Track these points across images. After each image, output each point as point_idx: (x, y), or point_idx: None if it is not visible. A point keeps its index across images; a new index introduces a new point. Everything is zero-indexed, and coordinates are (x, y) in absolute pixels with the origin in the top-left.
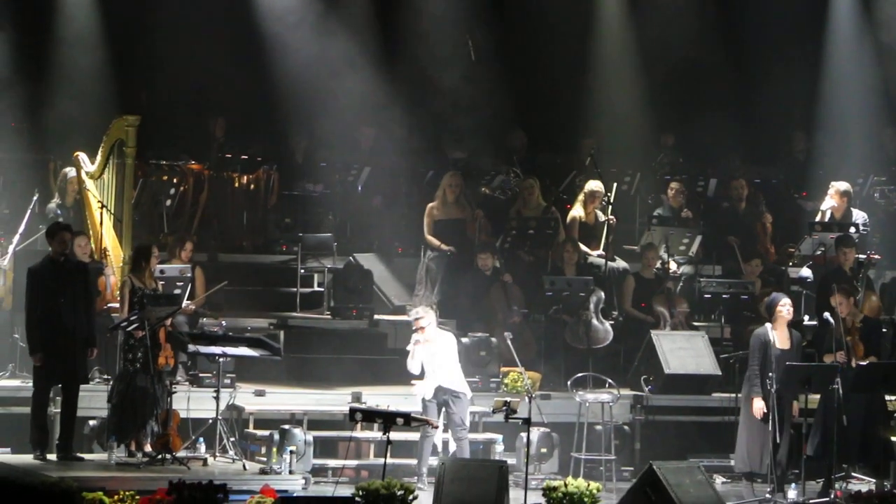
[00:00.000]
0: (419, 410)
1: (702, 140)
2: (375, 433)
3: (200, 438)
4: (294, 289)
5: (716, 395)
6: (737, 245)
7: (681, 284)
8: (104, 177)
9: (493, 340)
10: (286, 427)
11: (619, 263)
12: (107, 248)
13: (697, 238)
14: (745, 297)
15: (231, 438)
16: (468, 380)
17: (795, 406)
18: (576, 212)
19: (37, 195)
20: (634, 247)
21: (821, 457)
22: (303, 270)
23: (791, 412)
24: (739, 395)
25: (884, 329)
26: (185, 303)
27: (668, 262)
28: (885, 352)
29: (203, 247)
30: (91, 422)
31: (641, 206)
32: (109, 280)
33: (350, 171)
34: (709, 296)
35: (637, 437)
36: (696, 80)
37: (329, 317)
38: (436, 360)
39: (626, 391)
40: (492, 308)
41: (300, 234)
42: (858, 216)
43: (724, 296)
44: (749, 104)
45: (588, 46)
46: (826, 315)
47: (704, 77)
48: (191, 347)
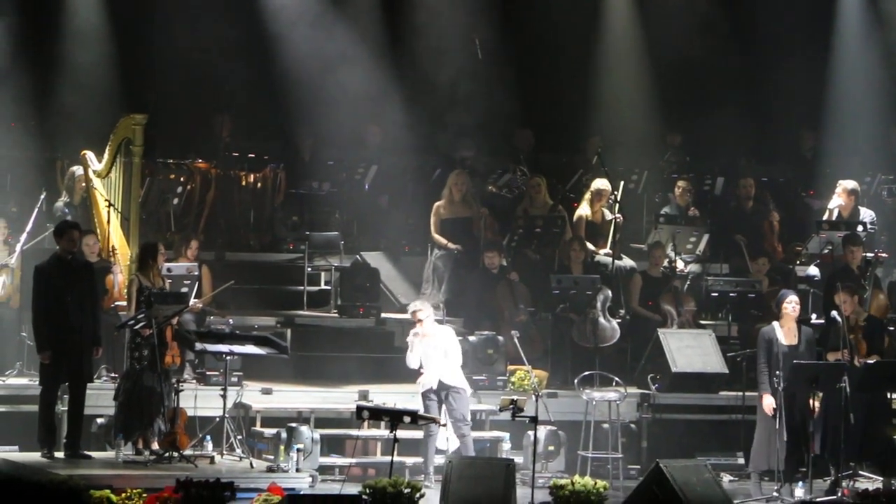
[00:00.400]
0: (421, 408)
1: (709, 138)
2: (382, 431)
3: (207, 436)
4: (301, 287)
5: (723, 394)
6: (744, 243)
7: (688, 283)
8: (111, 175)
9: (500, 339)
10: (293, 425)
11: (627, 262)
12: (115, 247)
13: (705, 236)
14: (753, 296)
15: (238, 436)
16: (475, 378)
17: (815, 403)
18: (582, 210)
19: (44, 194)
20: (641, 245)
21: (824, 455)
22: (310, 269)
23: (810, 408)
24: (747, 394)
25: (890, 328)
26: (192, 301)
27: (676, 261)
28: (894, 350)
29: (210, 245)
30: (98, 420)
31: (648, 205)
32: (117, 278)
33: (357, 170)
34: (716, 294)
35: (644, 436)
36: (704, 79)
37: (336, 315)
38: (436, 354)
39: (634, 389)
40: (499, 306)
41: (307, 233)
42: (866, 214)
43: (732, 294)
44: (756, 103)
45: (595, 45)
46: (833, 313)
47: (711, 75)
48: (198, 346)
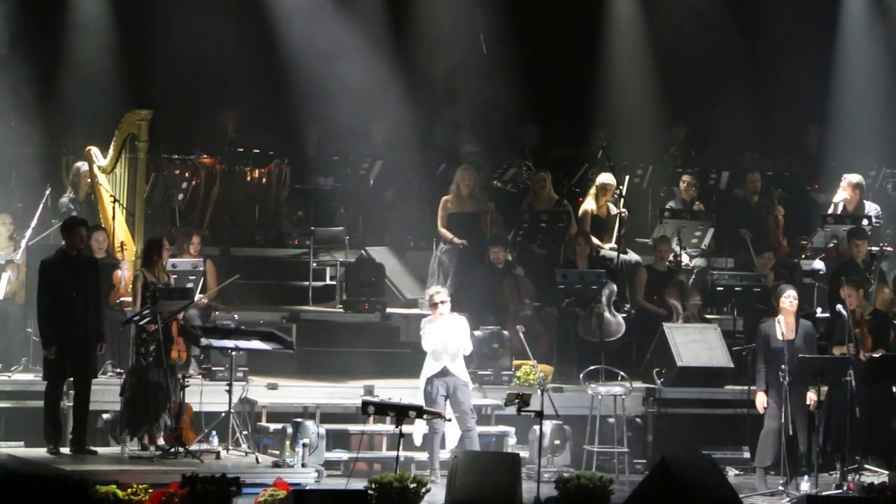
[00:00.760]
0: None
1: (714, 133)
2: (388, 426)
3: (213, 432)
4: (306, 282)
5: (728, 388)
6: (749, 238)
7: (693, 277)
8: (116, 171)
9: (506, 333)
10: (299, 420)
11: (632, 256)
12: (124, 243)
13: (710, 231)
14: (758, 290)
15: (244, 432)
16: (480, 372)
17: (812, 398)
18: (588, 205)
19: (49, 190)
20: (647, 239)
21: (829, 448)
22: (315, 264)
23: (804, 403)
24: (752, 388)
25: (895, 321)
26: (198, 296)
27: (681, 255)
28: None
29: (215, 240)
30: (104, 415)
31: (654, 199)
32: (124, 274)
33: (362, 165)
34: (721, 288)
35: (649, 430)
36: (709, 73)
37: (341, 310)
38: (452, 340)
39: (639, 384)
40: (504, 301)
41: (312, 228)
42: (871, 208)
43: (737, 288)
44: (761, 97)
45: (600, 39)
46: (839, 307)
47: (716, 70)
48: (203, 341)
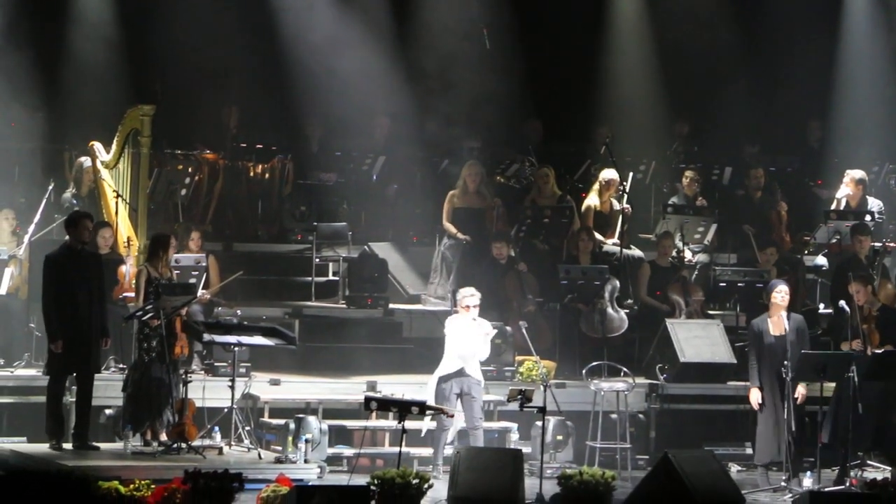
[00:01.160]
0: (433, 400)
1: (717, 128)
2: (391, 422)
3: (216, 427)
4: (309, 278)
5: (731, 384)
6: (752, 233)
7: (696, 273)
8: (119, 166)
9: (508, 329)
10: (301, 416)
11: (634, 252)
12: (130, 238)
13: (712, 226)
14: (761, 286)
15: (246, 427)
16: (483, 369)
17: (801, 392)
18: (591, 200)
19: (52, 185)
20: (649, 235)
21: (834, 445)
22: (318, 259)
23: (793, 398)
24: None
25: None
26: (201, 292)
27: (683, 251)
28: None
29: (218, 236)
30: (107, 411)
31: (656, 195)
32: (128, 270)
33: (365, 161)
34: (724, 284)
35: (652, 426)
36: (711, 69)
37: (344, 306)
38: (478, 342)
39: (641, 380)
40: (507, 297)
41: (315, 224)
42: (874, 204)
43: (740, 284)
44: (764, 93)
45: (603, 35)
46: (841, 303)
47: (719, 65)
48: (206, 337)
